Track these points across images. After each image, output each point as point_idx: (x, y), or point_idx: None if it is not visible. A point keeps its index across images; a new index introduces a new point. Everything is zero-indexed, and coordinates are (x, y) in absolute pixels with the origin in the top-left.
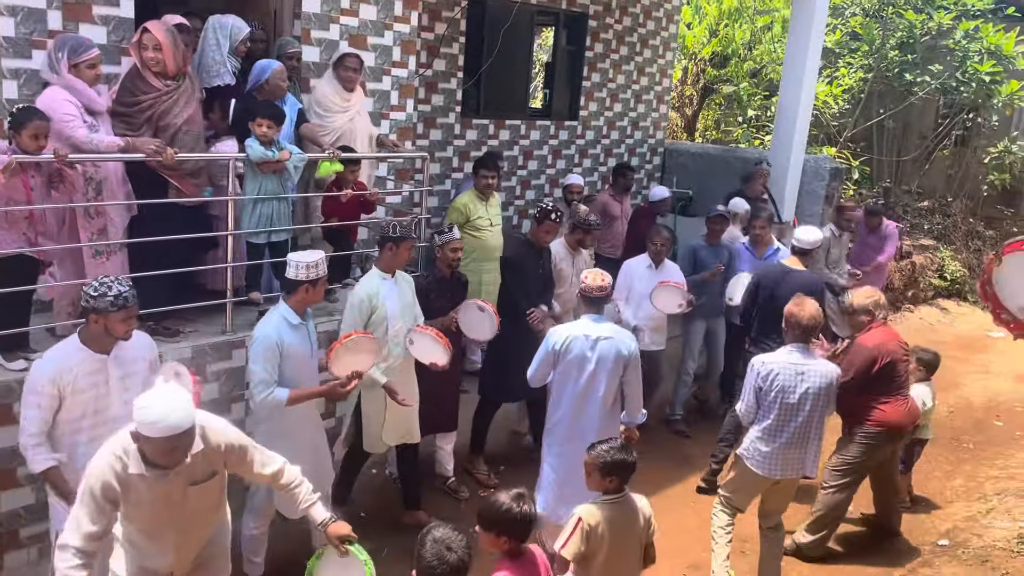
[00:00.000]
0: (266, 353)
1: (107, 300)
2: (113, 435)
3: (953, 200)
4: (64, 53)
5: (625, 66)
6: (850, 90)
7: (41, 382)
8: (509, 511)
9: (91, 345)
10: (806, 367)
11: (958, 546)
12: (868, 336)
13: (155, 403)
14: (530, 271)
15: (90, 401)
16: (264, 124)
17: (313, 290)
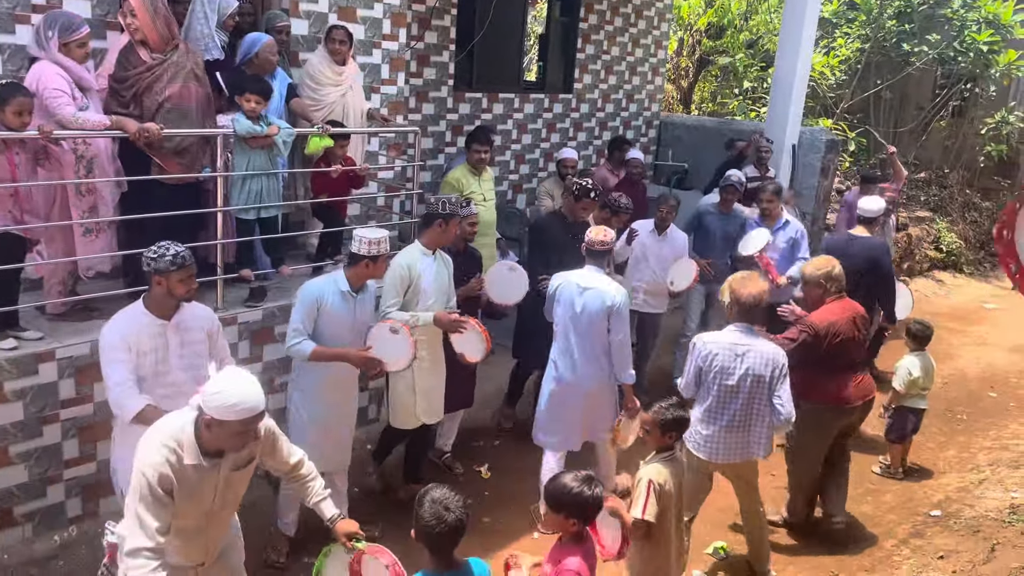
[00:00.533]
0: (304, 305)
1: (167, 260)
2: (153, 428)
3: (950, 171)
4: (55, 32)
5: (620, 37)
6: (847, 61)
7: (114, 341)
8: (580, 494)
9: (153, 310)
10: (747, 348)
11: (950, 516)
12: (819, 315)
13: (230, 386)
14: (557, 240)
15: (151, 365)
16: (252, 99)
17: (373, 266)
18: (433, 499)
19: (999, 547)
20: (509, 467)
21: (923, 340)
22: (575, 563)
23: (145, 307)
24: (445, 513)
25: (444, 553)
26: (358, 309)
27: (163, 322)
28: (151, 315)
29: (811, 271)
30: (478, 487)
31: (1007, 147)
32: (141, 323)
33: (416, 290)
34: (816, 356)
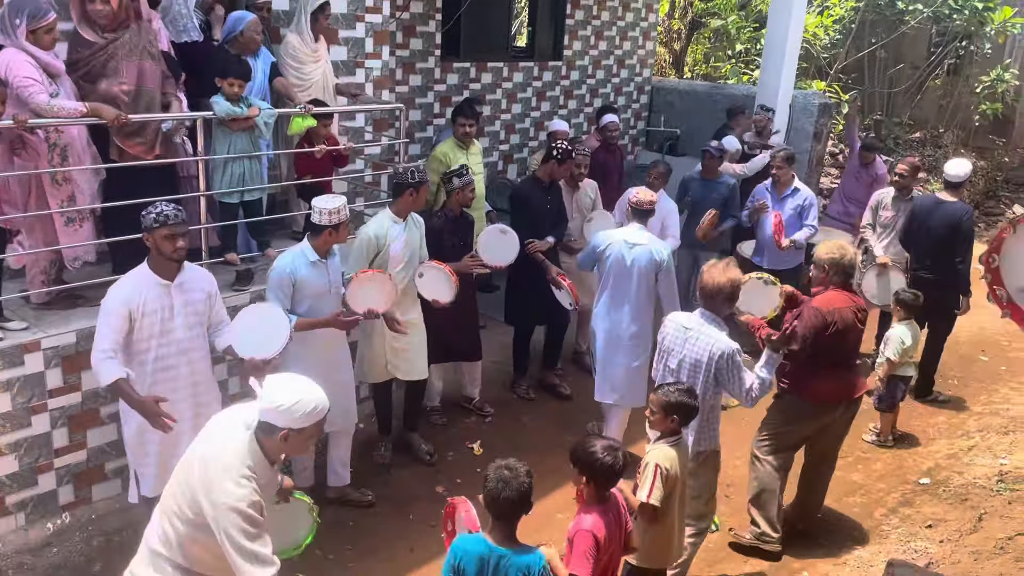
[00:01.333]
0: (278, 283)
1: (150, 218)
2: (217, 462)
3: (945, 131)
4: (22, 19)
5: (610, 2)
6: (841, 20)
7: (115, 303)
8: (598, 460)
9: (156, 271)
10: (692, 333)
11: (939, 484)
12: (823, 299)
13: (299, 395)
14: (538, 205)
15: (156, 323)
16: (236, 84)
17: (336, 233)
18: (499, 470)
19: (986, 516)
20: (502, 444)
21: (913, 309)
22: (589, 521)
23: (150, 267)
24: (511, 481)
25: (508, 522)
26: (331, 273)
27: (166, 282)
28: (154, 275)
29: (822, 253)
30: (471, 464)
31: (1002, 105)
32: (147, 283)
33: (385, 257)
34: (817, 349)
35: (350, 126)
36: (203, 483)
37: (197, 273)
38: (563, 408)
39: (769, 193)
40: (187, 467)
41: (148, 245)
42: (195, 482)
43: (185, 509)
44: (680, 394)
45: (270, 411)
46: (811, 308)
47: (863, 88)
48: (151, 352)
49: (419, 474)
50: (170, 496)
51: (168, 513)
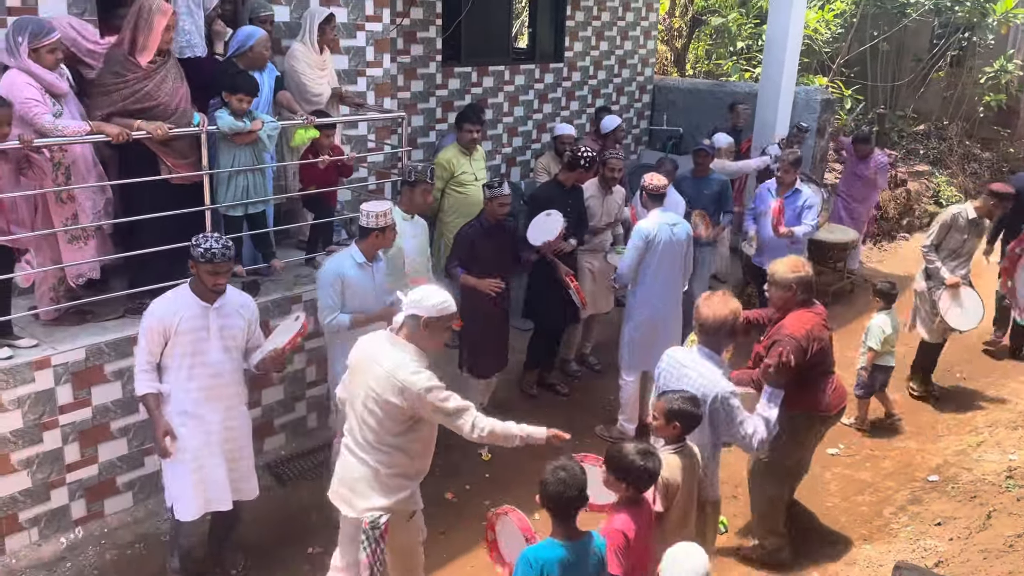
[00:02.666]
0: (327, 282)
1: (198, 251)
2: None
3: (949, 123)
4: (24, 38)
5: (610, 2)
6: (842, 14)
7: (151, 322)
8: (634, 463)
9: (197, 293)
10: (687, 371)
11: (948, 481)
12: (794, 323)
13: (433, 292)
14: (557, 209)
15: (190, 343)
16: (246, 100)
17: (382, 236)
18: (557, 469)
19: (995, 514)
20: (511, 450)
21: (891, 298)
22: (621, 520)
23: (191, 289)
24: (569, 481)
25: (567, 520)
26: (377, 276)
27: (206, 305)
28: (195, 297)
29: (782, 272)
30: (478, 469)
31: (1006, 96)
32: (186, 303)
33: (400, 252)
34: (799, 366)
35: (353, 135)
36: (393, 391)
37: (238, 299)
38: (566, 409)
39: (771, 194)
40: (365, 393)
41: (192, 270)
42: (385, 396)
43: (385, 421)
44: (683, 401)
45: (416, 306)
46: (788, 339)
47: (866, 82)
48: (183, 371)
49: (428, 481)
50: (358, 424)
51: (364, 433)
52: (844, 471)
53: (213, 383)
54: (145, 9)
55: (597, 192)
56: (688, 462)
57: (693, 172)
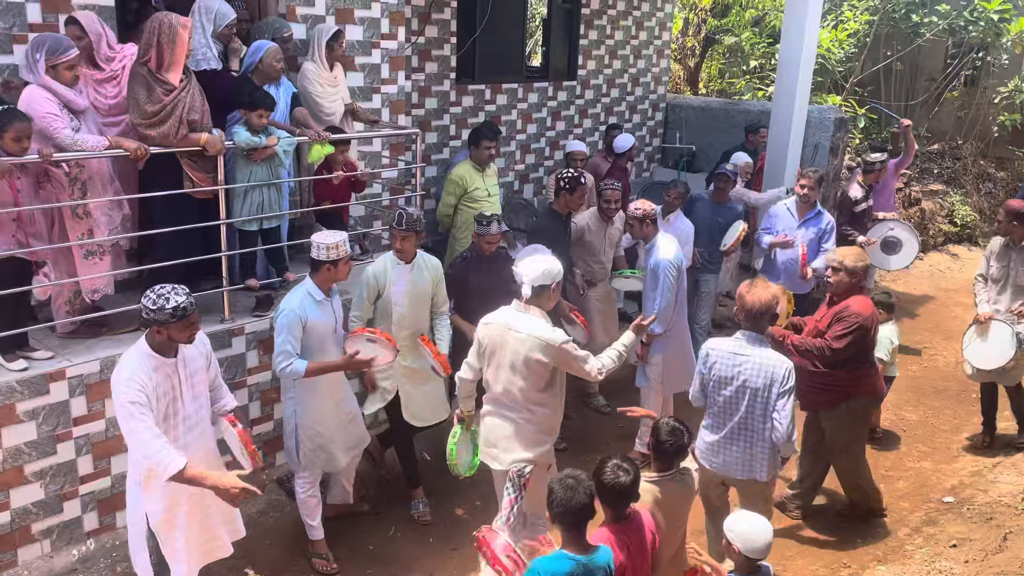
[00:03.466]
0: (289, 326)
1: (167, 313)
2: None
3: (963, 142)
4: (41, 54)
5: (623, 21)
6: (855, 34)
7: (129, 393)
8: (604, 479)
9: (159, 351)
10: (744, 358)
11: (963, 503)
12: (859, 304)
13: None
14: (555, 239)
15: (167, 405)
16: (265, 116)
17: (335, 269)
18: (564, 481)
19: (1011, 536)
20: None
21: (891, 308)
22: (597, 536)
23: (151, 348)
24: (578, 489)
25: (579, 530)
26: (335, 312)
27: (171, 360)
28: (158, 356)
29: (853, 261)
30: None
31: (1021, 116)
32: (151, 366)
33: (388, 300)
34: (860, 349)
35: (367, 151)
36: (538, 349)
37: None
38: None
39: (791, 214)
40: (512, 360)
41: (156, 335)
42: (532, 356)
43: (531, 378)
44: (665, 433)
45: (539, 277)
46: (855, 316)
47: (879, 101)
48: (167, 435)
49: (439, 497)
50: (504, 388)
51: (512, 395)
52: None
53: (191, 437)
54: (167, 24)
55: (596, 225)
56: (669, 493)
57: (712, 196)
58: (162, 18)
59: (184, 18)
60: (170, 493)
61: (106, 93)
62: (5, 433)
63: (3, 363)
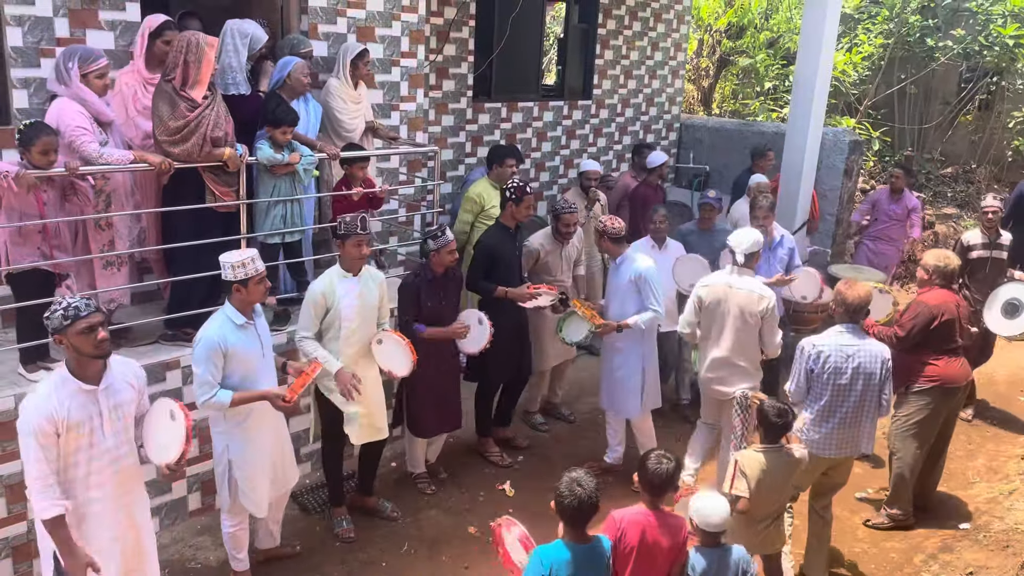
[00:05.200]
0: (207, 354)
1: (57, 316)
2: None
3: (977, 166)
4: (74, 63)
5: (639, 41)
6: (870, 57)
7: (37, 421)
8: (647, 468)
9: (79, 375)
10: (855, 348)
11: (979, 529)
12: (929, 295)
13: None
14: (507, 255)
15: (85, 436)
16: (289, 133)
17: (245, 290)
18: (570, 478)
19: None
20: (534, 485)
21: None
22: (626, 509)
23: (69, 372)
24: (578, 489)
25: (577, 526)
26: (261, 335)
27: (92, 387)
28: (77, 381)
29: (930, 260)
30: (501, 504)
31: None
32: (69, 391)
33: (337, 314)
34: (926, 338)
35: (384, 167)
36: (758, 304)
37: (124, 368)
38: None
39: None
40: (735, 313)
41: (66, 350)
42: (753, 310)
43: (751, 329)
44: (773, 414)
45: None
46: (918, 303)
47: (893, 124)
48: (79, 468)
49: (451, 515)
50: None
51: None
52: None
53: (110, 471)
54: (194, 43)
55: (552, 246)
56: (774, 464)
57: (698, 224)
58: (189, 37)
59: (211, 38)
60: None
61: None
62: None
63: (24, 374)
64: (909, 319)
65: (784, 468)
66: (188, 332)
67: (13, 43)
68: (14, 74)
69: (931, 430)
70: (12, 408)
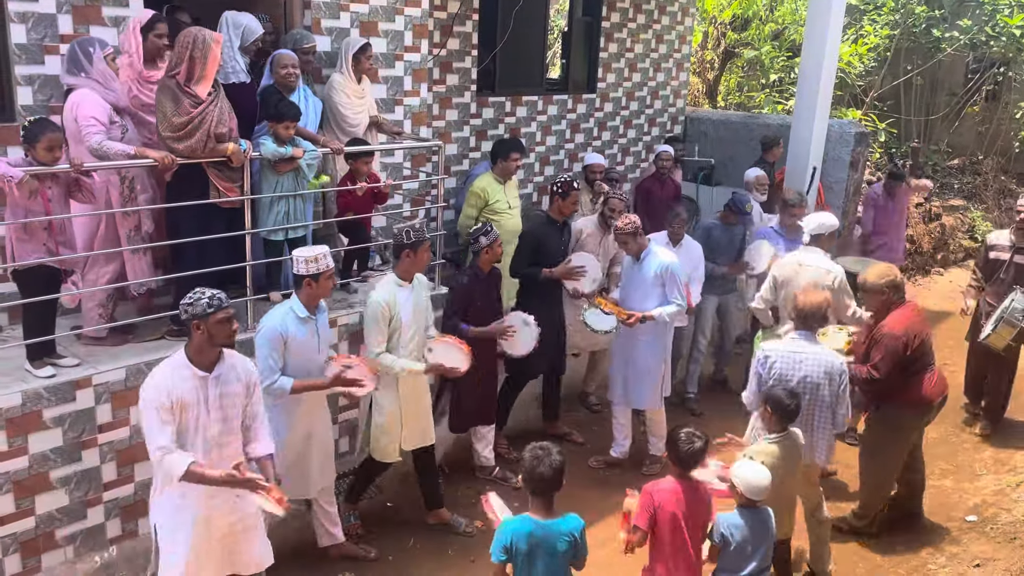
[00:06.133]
0: (270, 343)
1: (203, 304)
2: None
3: (984, 158)
4: (96, 48)
5: (643, 34)
6: (876, 48)
7: (156, 395)
8: (678, 445)
9: (195, 361)
10: (804, 355)
11: (986, 522)
12: (894, 321)
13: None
14: (552, 247)
15: (192, 419)
16: (292, 127)
17: (316, 285)
18: (534, 449)
19: None
20: None
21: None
22: (656, 483)
23: (187, 358)
24: (544, 459)
25: (545, 498)
26: (320, 330)
27: (204, 374)
28: (192, 367)
29: (873, 280)
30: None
31: None
32: (183, 375)
33: (397, 324)
34: (901, 361)
35: (389, 162)
36: (829, 278)
37: (237, 363)
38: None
39: (779, 235)
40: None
41: (196, 332)
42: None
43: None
44: (784, 396)
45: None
46: (885, 336)
47: (899, 115)
48: (186, 449)
49: (457, 509)
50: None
51: None
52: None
53: (212, 458)
54: (200, 39)
55: (595, 230)
56: (786, 450)
57: (721, 218)
58: (196, 33)
59: (217, 34)
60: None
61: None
62: (32, 439)
63: (31, 370)
64: (881, 357)
65: (795, 454)
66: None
67: (17, 40)
68: (18, 71)
69: (903, 450)
70: (20, 404)
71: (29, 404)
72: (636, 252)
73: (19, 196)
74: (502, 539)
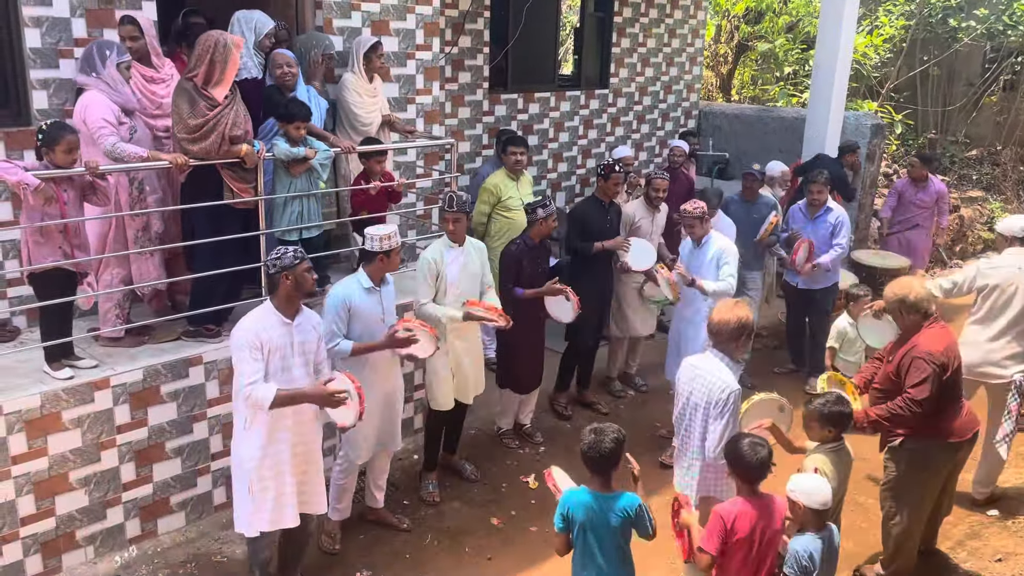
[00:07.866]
0: (334, 309)
1: (289, 256)
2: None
3: (1002, 148)
4: (113, 51)
5: (655, 29)
6: (891, 39)
7: (248, 338)
8: (742, 456)
9: (281, 310)
10: (698, 374)
11: (1008, 516)
12: (930, 341)
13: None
14: (596, 224)
15: (278, 360)
16: (303, 127)
17: (387, 260)
18: (594, 428)
19: None
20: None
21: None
22: (727, 505)
23: (274, 307)
24: (602, 438)
25: (602, 475)
26: (384, 300)
27: (288, 321)
28: (278, 314)
29: (886, 293)
30: (524, 496)
31: None
32: (271, 321)
33: (443, 280)
34: (939, 386)
35: (402, 161)
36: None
37: (311, 316)
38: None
39: (802, 213)
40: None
41: (284, 282)
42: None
43: None
44: (834, 404)
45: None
46: (920, 357)
47: (916, 106)
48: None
49: (474, 507)
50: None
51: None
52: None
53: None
54: (221, 44)
55: (645, 212)
56: (843, 460)
57: (742, 195)
58: (217, 37)
59: (238, 38)
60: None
61: (156, 92)
62: (51, 440)
63: (49, 372)
64: (922, 379)
65: (848, 463)
66: (210, 328)
67: (32, 44)
68: (33, 75)
69: (933, 490)
70: (38, 406)
71: (48, 406)
72: (700, 236)
73: (35, 202)
74: (562, 508)
